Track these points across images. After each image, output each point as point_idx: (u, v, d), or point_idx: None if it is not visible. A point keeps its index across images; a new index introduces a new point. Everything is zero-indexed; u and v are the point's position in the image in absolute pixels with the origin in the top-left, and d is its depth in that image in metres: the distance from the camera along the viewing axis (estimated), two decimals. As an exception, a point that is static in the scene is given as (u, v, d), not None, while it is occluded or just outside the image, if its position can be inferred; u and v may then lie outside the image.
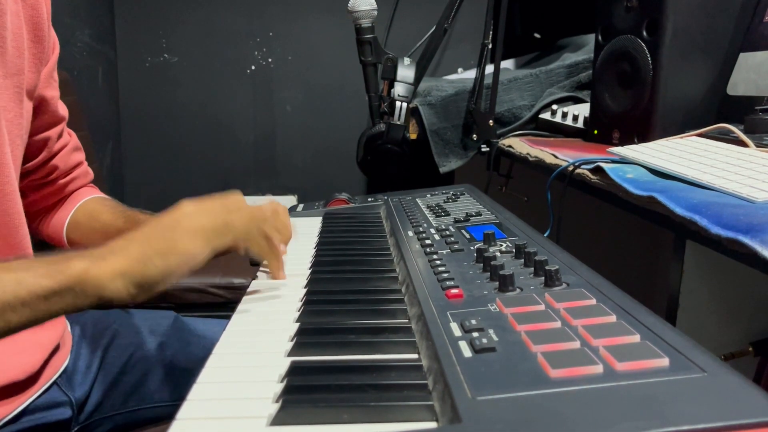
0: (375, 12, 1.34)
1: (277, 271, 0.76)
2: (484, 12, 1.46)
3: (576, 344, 0.45)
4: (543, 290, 0.57)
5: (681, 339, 0.44)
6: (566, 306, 0.52)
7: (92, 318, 0.98)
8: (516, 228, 0.82)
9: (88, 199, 0.97)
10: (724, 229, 0.63)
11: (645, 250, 1.44)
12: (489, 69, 1.45)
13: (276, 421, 0.43)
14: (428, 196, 1.13)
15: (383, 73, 1.39)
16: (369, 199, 1.16)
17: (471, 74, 1.66)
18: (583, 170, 0.99)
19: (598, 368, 0.41)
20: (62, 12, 1.82)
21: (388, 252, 0.84)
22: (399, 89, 1.37)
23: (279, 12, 2.33)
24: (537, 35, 2.09)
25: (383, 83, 1.41)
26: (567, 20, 1.95)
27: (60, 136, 0.91)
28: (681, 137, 1.06)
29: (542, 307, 0.52)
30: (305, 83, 2.38)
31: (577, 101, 1.47)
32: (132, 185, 2.39)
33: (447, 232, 0.83)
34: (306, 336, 0.58)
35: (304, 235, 0.96)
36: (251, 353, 0.56)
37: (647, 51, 1.14)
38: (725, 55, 1.13)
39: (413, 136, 1.56)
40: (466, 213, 0.93)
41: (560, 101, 1.47)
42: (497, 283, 0.59)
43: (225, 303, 1.61)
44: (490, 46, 1.45)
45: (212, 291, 1.62)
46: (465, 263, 0.69)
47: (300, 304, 0.67)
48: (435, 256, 0.72)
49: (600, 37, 1.28)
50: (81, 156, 0.98)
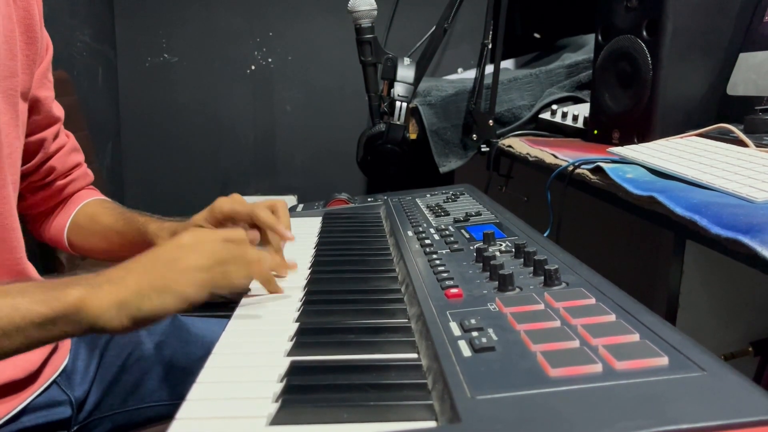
0: (375, 12, 1.34)
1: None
2: (484, 12, 1.46)
3: (575, 343, 0.45)
4: (542, 290, 0.57)
5: (680, 338, 0.44)
6: (566, 305, 0.52)
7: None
8: (516, 228, 0.82)
9: (89, 202, 0.97)
10: (724, 229, 0.63)
11: (645, 250, 1.44)
12: (489, 69, 1.45)
13: (276, 421, 0.43)
14: (428, 196, 1.13)
15: (383, 73, 1.39)
16: (369, 199, 1.16)
17: (471, 74, 1.66)
18: (583, 170, 0.99)
19: (598, 367, 0.41)
20: (62, 12, 1.82)
21: (388, 252, 0.84)
22: (399, 89, 1.37)
23: (279, 12, 2.33)
24: (537, 35, 2.09)
25: (383, 83, 1.41)
26: (567, 20, 1.95)
27: (56, 137, 0.91)
28: (681, 137, 1.06)
29: (542, 307, 0.52)
30: (305, 83, 2.38)
31: (577, 101, 1.47)
32: (132, 185, 2.39)
33: (447, 232, 0.83)
34: (306, 336, 0.58)
35: (304, 235, 0.96)
36: (251, 353, 0.56)
37: (647, 51, 1.14)
38: (725, 55, 1.13)
39: (413, 136, 1.56)
40: (466, 213, 0.93)
41: (560, 101, 1.47)
42: (497, 283, 0.59)
43: (225, 303, 1.61)
44: (490, 46, 1.46)
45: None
46: (464, 263, 0.69)
47: (300, 304, 0.67)
48: (435, 256, 0.72)
49: (600, 37, 1.28)
50: (80, 157, 0.98)
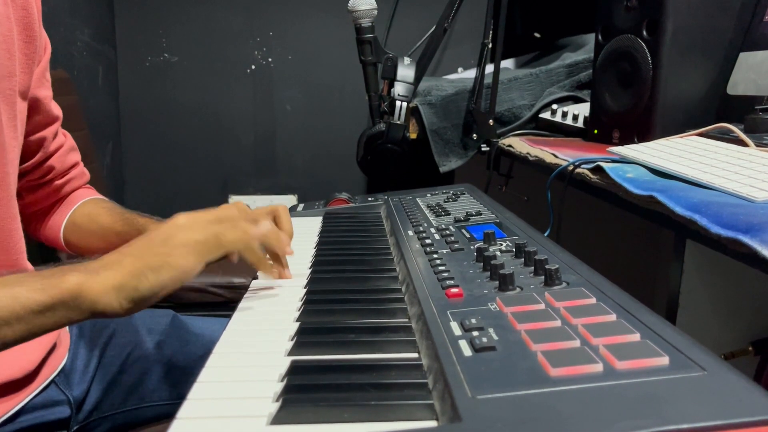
0: (375, 12, 1.34)
1: (279, 274, 0.76)
2: (484, 12, 1.46)
3: (576, 343, 0.45)
4: (543, 289, 0.57)
5: (681, 338, 0.44)
6: (566, 305, 0.52)
7: (91, 317, 0.98)
8: (516, 227, 0.82)
9: (86, 201, 0.96)
10: (724, 229, 0.63)
11: (645, 250, 1.44)
12: (489, 69, 1.45)
13: (276, 420, 0.43)
14: (428, 196, 1.12)
15: (383, 73, 1.39)
16: (369, 199, 1.16)
17: (471, 74, 1.66)
18: (583, 170, 0.99)
19: (598, 367, 0.41)
20: (62, 12, 1.82)
21: (389, 251, 0.84)
22: (399, 89, 1.37)
23: (279, 12, 2.33)
24: (537, 35, 2.09)
25: (383, 83, 1.41)
26: (567, 20, 1.95)
27: (55, 137, 0.91)
28: (681, 137, 1.06)
29: (542, 306, 0.52)
30: (305, 83, 2.38)
31: (577, 101, 1.47)
32: (132, 185, 2.39)
33: (447, 232, 0.83)
34: (306, 335, 0.58)
35: (304, 235, 0.96)
36: (251, 353, 0.56)
37: (647, 51, 1.14)
38: (725, 55, 1.13)
39: (413, 136, 1.56)
40: (466, 212, 0.93)
41: (560, 101, 1.47)
42: (497, 283, 0.59)
43: (225, 302, 1.61)
44: (490, 46, 1.46)
45: (212, 290, 1.62)
46: (465, 262, 0.69)
47: (300, 304, 0.67)
48: (435, 256, 0.72)
49: (600, 37, 1.28)
50: (77, 157, 0.98)
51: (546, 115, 1.46)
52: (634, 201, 0.84)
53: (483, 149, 1.49)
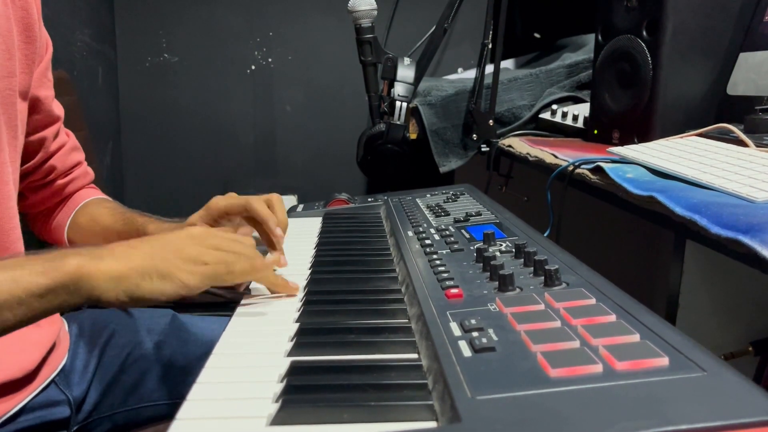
0: (375, 12, 1.34)
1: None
2: (484, 12, 1.46)
3: (576, 344, 0.45)
4: (543, 290, 0.57)
5: (681, 338, 0.44)
6: (566, 305, 0.52)
7: (90, 317, 0.98)
8: (516, 228, 0.82)
9: (89, 201, 0.96)
10: (724, 229, 0.63)
11: (645, 250, 1.44)
12: (489, 69, 1.45)
13: (276, 421, 0.43)
14: (428, 196, 1.12)
15: (383, 73, 1.39)
16: (369, 199, 1.16)
17: (471, 74, 1.66)
18: (583, 170, 0.99)
19: (598, 368, 0.41)
20: (62, 12, 1.82)
21: (388, 252, 0.83)
22: (399, 89, 1.37)
23: (279, 12, 2.33)
24: (537, 35, 2.09)
25: (383, 83, 1.41)
26: (567, 20, 1.95)
27: (56, 136, 0.91)
28: (681, 137, 1.06)
29: (542, 307, 0.52)
30: (305, 83, 2.38)
31: (577, 101, 1.47)
32: (132, 185, 2.39)
33: (447, 232, 0.83)
34: (306, 336, 0.58)
35: (304, 236, 0.96)
36: (251, 353, 0.56)
37: (647, 51, 1.14)
38: (725, 55, 1.13)
39: (413, 136, 1.56)
40: (466, 213, 0.93)
41: (560, 101, 1.47)
42: (497, 283, 0.59)
43: (225, 303, 1.61)
44: (490, 46, 1.46)
45: (212, 290, 1.61)
46: (465, 263, 0.69)
47: (300, 304, 0.67)
48: (435, 256, 0.72)
49: (600, 37, 1.28)
50: (80, 156, 0.98)
51: (546, 116, 1.46)
52: (634, 201, 0.84)
53: (483, 149, 1.48)
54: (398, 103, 1.36)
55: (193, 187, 2.37)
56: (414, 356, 0.53)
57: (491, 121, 1.46)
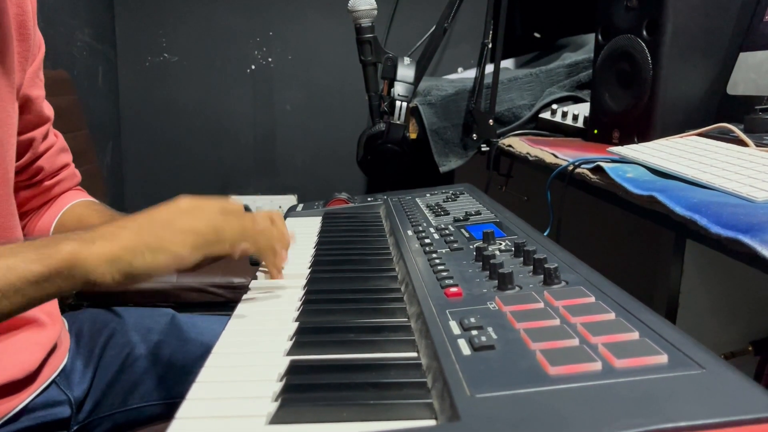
0: (375, 11, 1.34)
1: (275, 272, 0.76)
2: (484, 12, 1.46)
3: (575, 342, 0.45)
4: (542, 288, 0.57)
5: (680, 336, 0.44)
6: (565, 304, 0.52)
7: (89, 317, 0.98)
8: (515, 227, 0.82)
9: (76, 203, 0.96)
10: (724, 229, 0.63)
11: (645, 250, 1.44)
12: (489, 68, 1.45)
13: (275, 420, 0.43)
14: (428, 196, 1.12)
15: (383, 73, 1.39)
16: (369, 199, 1.16)
17: (471, 74, 1.66)
18: (583, 170, 0.99)
19: (597, 365, 0.41)
20: (62, 12, 1.82)
21: (388, 251, 0.83)
22: (399, 89, 1.37)
23: (279, 12, 2.33)
24: (537, 35, 2.09)
25: (383, 83, 1.41)
26: (567, 20, 1.95)
27: (45, 137, 0.90)
28: (681, 137, 1.06)
29: (541, 305, 0.52)
30: (305, 83, 2.38)
31: (577, 101, 1.48)
32: (132, 185, 2.39)
33: (446, 231, 0.83)
34: (305, 335, 0.58)
35: (304, 235, 0.96)
36: (250, 352, 0.56)
37: (647, 51, 1.14)
38: (725, 55, 1.13)
39: (413, 136, 1.56)
40: (466, 212, 0.93)
41: (560, 101, 1.47)
42: (496, 282, 0.59)
43: (224, 302, 1.61)
44: (490, 46, 1.46)
45: (212, 290, 1.62)
46: (464, 262, 0.69)
47: (299, 304, 0.67)
48: (434, 255, 0.72)
49: (600, 37, 1.28)
50: (68, 158, 0.97)
51: (546, 115, 1.46)
52: (634, 201, 0.84)
53: (483, 149, 1.49)
54: (398, 103, 1.36)
55: (193, 187, 2.37)
56: (413, 355, 0.53)
57: (491, 121, 1.46)
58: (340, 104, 2.38)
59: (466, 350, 0.46)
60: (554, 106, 1.44)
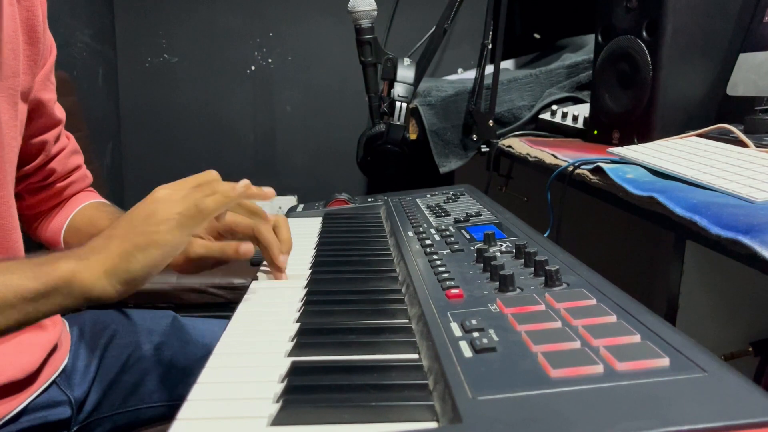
0: (375, 12, 1.34)
1: (276, 260, 0.76)
2: (484, 12, 1.46)
3: (576, 344, 0.45)
4: (543, 290, 0.57)
5: (681, 339, 0.44)
6: (566, 306, 0.52)
7: (91, 318, 0.98)
8: (516, 228, 0.82)
9: (87, 205, 0.96)
10: (724, 230, 0.63)
11: (645, 250, 1.44)
12: (489, 69, 1.45)
13: (276, 421, 0.43)
14: (428, 197, 1.12)
15: (383, 74, 1.39)
16: (369, 200, 1.16)
17: (471, 74, 1.66)
18: (583, 170, 0.99)
19: (599, 368, 0.41)
20: (62, 12, 1.82)
21: (388, 252, 0.83)
22: (399, 89, 1.37)
23: (279, 12, 2.33)
24: (537, 35, 2.09)
25: (383, 83, 1.41)
26: (567, 20, 1.95)
27: (57, 139, 0.91)
28: (681, 137, 1.06)
29: (542, 307, 0.52)
30: (305, 83, 2.38)
31: (577, 101, 1.48)
32: (132, 185, 2.39)
33: (447, 233, 0.83)
34: (306, 336, 0.58)
35: (304, 236, 0.96)
36: (251, 353, 0.56)
37: (647, 51, 1.14)
38: (725, 56, 1.13)
39: (413, 137, 1.56)
40: (466, 213, 0.93)
41: (560, 101, 1.47)
42: (497, 284, 0.59)
43: (225, 303, 1.61)
44: (490, 47, 1.46)
45: (212, 291, 1.62)
46: (465, 263, 0.69)
47: (300, 305, 0.67)
48: (435, 257, 0.72)
49: (600, 38, 1.28)
50: (79, 159, 0.98)
51: (546, 116, 1.46)
52: (634, 202, 0.84)
53: (483, 150, 1.49)
54: (398, 104, 1.36)
55: (193, 188, 2.37)
56: (414, 356, 0.53)
57: (491, 122, 1.46)
58: (340, 105, 2.38)
59: (468, 352, 0.46)
60: (554, 107, 1.44)
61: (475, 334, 0.48)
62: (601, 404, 0.38)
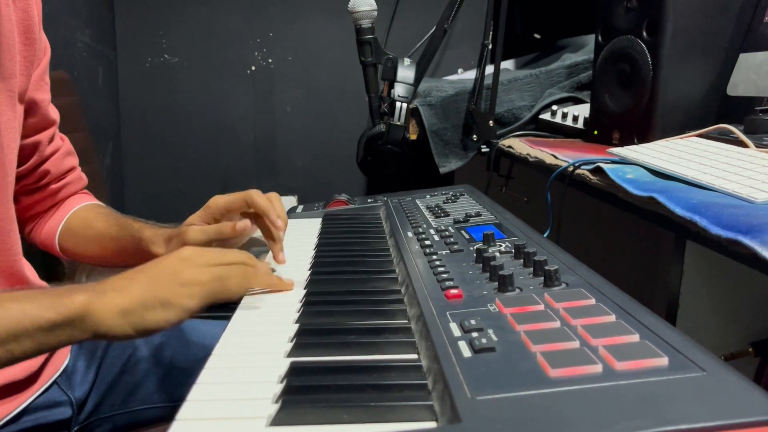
0: (375, 12, 1.34)
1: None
2: (484, 12, 1.46)
3: (575, 344, 0.45)
4: (542, 290, 0.57)
5: (680, 338, 0.44)
6: (565, 306, 0.52)
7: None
8: (515, 228, 0.82)
9: (82, 206, 0.96)
10: (724, 230, 0.63)
11: (645, 251, 1.44)
12: (489, 69, 1.45)
13: (276, 422, 0.43)
14: (428, 197, 1.13)
15: (383, 74, 1.39)
16: (369, 200, 1.16)
17: (471, 75, 1.66)
18: (583, 171, 0.99)
19: (598, 368, 0.41)
20: (62, 12, 1.82)
21: (388, 253, 0.84)
22: (399, 90, 1.37)
23: (279, 12, 2.33)
24: (537, 35, 2.09)
25: (383, 84, 1.41)
26: (567, 20, 1.95)
27: (51, 140, 0.91)
28: (681, 138, 1.06)
29: (541, 307, 0.52)
30: (305, 84, 2.38)
31: (577, 102, 1.48)
32: (132, 185, 2.39)
33: (446, 233, 0.83)
34: (306, 337, 0.58)
35: (304, 236, 0.96)
36: (251, 354, 0.56)
37: (647, 51, 1.14)
38: (725, 56, 1.13)
39: (413, 137, 1.56)
40: (466, 213, 0.93)
41: (560, 102, 1.47)
42: (497, 284, 0.59)
43: (225, 304, 1.61)
44: (490, 47, 1.46)
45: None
46: (464, 264, 0.69)
47: (299, 305, 0.67)
48: (434, 257, 0.72)
49: (600, 38, 1.28)
50: (74, 161, 0.97)
51: (546, 116, 1.46)
52: (634, 202, 0.84)
53: (483, 150, 1.49)
54: (398, 104, 1.36)
55: (193, 188, 2.37)
56: (414, 357, 0.53)
57: (491, 122, 1.46)
58: (341, 105, 2.38)
59: (467, 352, 0.46)
60: (554, 107, 1.44)
61: (474, 334, 0.48)
62: (600, 404, 0.38)
